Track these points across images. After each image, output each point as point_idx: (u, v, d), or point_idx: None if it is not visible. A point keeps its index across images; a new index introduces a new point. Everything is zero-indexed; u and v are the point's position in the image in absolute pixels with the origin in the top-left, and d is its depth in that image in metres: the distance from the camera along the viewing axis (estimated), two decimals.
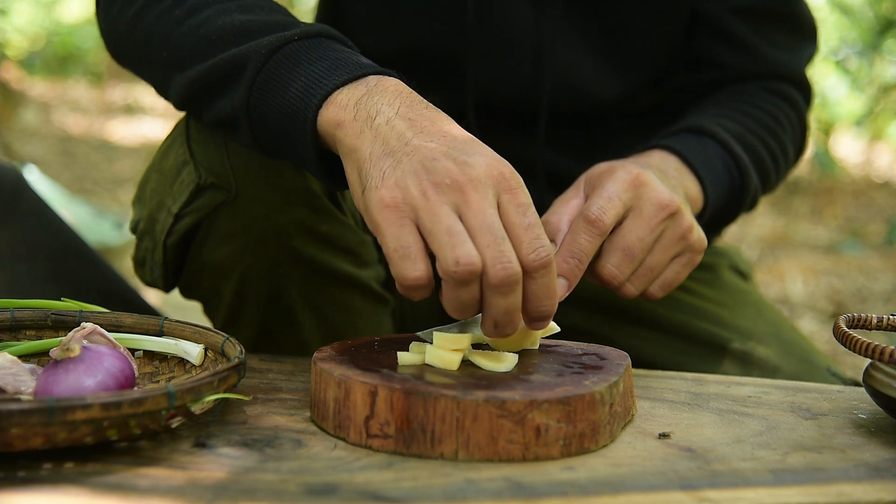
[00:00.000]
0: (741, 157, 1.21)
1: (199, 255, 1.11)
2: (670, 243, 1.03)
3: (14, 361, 0.85)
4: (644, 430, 0.88)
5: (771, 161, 1.29)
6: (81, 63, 8.26)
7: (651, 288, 1.04)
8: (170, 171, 1.09)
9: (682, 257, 1.05)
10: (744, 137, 1.24)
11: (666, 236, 1.02)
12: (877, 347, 0.87)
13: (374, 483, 0.74)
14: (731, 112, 1.27)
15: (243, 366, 0.86)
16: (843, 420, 0.94)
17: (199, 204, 1.06)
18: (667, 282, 1.05)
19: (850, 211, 4.79)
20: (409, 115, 0.87)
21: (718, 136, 1.21)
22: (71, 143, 5.69)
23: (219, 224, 1.07)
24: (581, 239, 0.98)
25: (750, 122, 1.27)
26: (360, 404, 0.82)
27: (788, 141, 1.33)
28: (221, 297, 1.14)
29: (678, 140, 1.18)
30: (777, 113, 1.32)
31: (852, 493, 0.76)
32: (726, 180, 1.20)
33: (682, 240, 1.03)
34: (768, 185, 1.31)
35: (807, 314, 3.09)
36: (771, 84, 1.34)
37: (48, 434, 0.72)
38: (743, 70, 1.34)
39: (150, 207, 1.12)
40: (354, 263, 1.16)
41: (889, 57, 5.54)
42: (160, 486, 0.71)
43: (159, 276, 1.15)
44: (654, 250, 1.02)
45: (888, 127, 5.96)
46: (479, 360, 0.89)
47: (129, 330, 0.98)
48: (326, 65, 0.92)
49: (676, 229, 1.02)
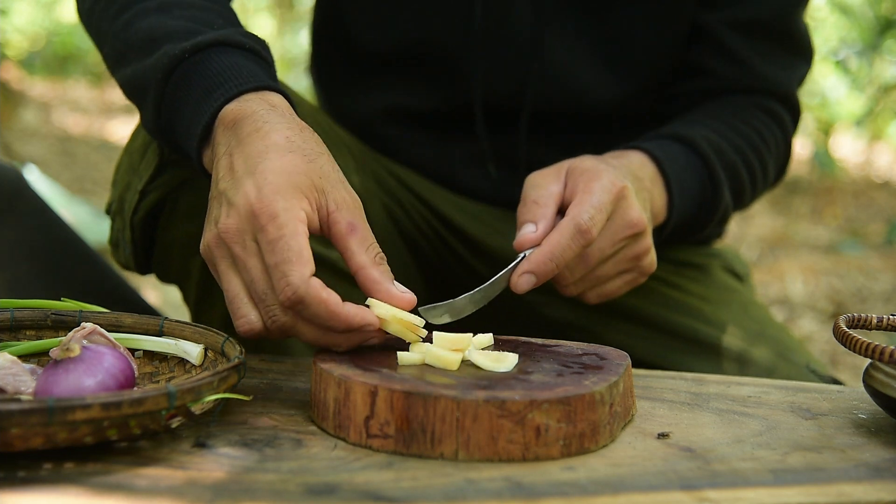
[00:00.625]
0: (718, 173, 1.22)
1: (167, 232, 1.13)
2: (624, 260, 1.07)
3: (14, 361, 0.85)
4: (644, 430, 0.88)
5: (748, 179, 1.29)
6: (81, 63, 8.25)
7: (589, 293, 1.09)
8: (137, 152, 1.12)
9: (628, 275, 1.09)
10: (725, 154, 1.24)
11: (623, 253, 1.06)
12: (877, 347, 0.87)
13: (374, 483, 0.74)
14: (719, 125, 1.27)
15: (243, 366, 0.86)
16: (843, 420, 0.94)
17: (162, 180, 1.09)
18: (606, 293, 1.10)
19: (850, 211, 4.79)
20: (230, 152, 0.90)
21: (700, 149, 1.21)
22: (71, 143, 5.69)
23: (183, 200, 1.10)
24: (566, 244, 1.01)
25: (735, 138, 1.27)
26: (360, 404, 0.82)
27: (771, 160, 1.33)
28: (191, 274, 1.15)
29: (660, 147, 1.19)
30: (764, 131, 1.32)
31: (852, 493, 0.76)
32: (697, 194, 1.21)
33: (636, 260, 1.08)
34: (742, 202, 1.31)
35: (807, 314, 3.09)
36: (761, 100, 1.34)
37: (48, 434, 0.72)
38: (735, 83, 1.34)
39: (120, 188, 1.15)
40: (321, 242, 1.16)
41: (889, 57, 5.54)
42: (160, 486, 0.71)
43: (130, 256, 1.17)
44: (607, 262, 1.06)
45: (888, 127, 5.95)
46: (479, 359, 0.89)
47: (129, 330, 0.98)
48: (201, 94, 0.95)
49: (635, 248, 1.07)
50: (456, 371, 0.87)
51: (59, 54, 8.12)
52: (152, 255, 1.16)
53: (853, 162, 5.90)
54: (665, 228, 1.18)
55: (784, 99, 1.36)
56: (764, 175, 1.33)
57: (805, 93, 5.49)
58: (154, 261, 1.17)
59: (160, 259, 1.16)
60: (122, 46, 1.05)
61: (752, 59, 1.33)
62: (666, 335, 1.32)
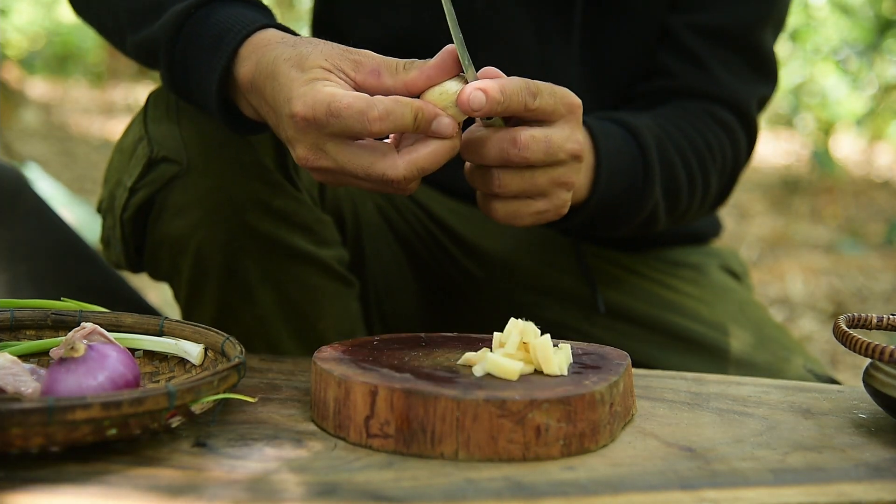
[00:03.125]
0: (653, 165, 1.17)
1: (156, 229, 1.12)
2: (553, 180, 0.97)
3: (14, 361, 0.85)
4: (644, 430, 0.88)
5: (686, 183, 1.23)
6: (81, 63, 8.26)
7: (502, 204, 0.99)
8: (127, 149, 1.12)
9: (544, 201, 0.99)
10: (664, 150, 1.20)
11: (557, 170, 0.97)
12: (877, 347, 0.87)
13: (374, 483, 0.74)
14: (665, 122, 1.23)
15: (243, 365, 0.86)
16: (843, 420, 0.94)
17: (152, 177, 1.09)
18: (517, 211, 0.99)
19: (850, 211, 4.79)
20: (274, 73, 0.92)
21: (640, 137, 1.17)
22: (71, 143, 5.69)
23: (173, 197, 1.09)
24: (517, 85, 0.93)
25: (679, 139, 1.23)
26: (361, 404, 0.82)
27: (714, 171, 1.28)
28: (181, 272, 1.15)
29: (600, 125, 1.14)
30: (711, 140, 1.27)
31: (852, 493, 0.76)
32: (626, 179, 1.15)
33: (562, 186, 0.98)
34: (676, 208, 1.25)
35: (807, 314, 3.09)
36: (716, 110, 1.29)
37: (48, 434, 0.72)
38: (691, 85, 1.30)
39: (110, 186, 1.15)
40: (312, 241, 1.16)
41: (889, 57, 5.54)
42: (160, 486, 0.71)
43: (121, 253, 1.17)
44: (538, 170, 0.97)
45: (888, 127, 5.95)
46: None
47: (129, 330, 0.98)
48: (213, 41, 0.98)
49: (568, 172, 0.98)
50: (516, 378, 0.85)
51: (59, 54, 8.13)
52: (143, 253, 1.16)
53: (853, 162, 5.90)
54: (586, 206, 1.12)
55: (740, 113, 1.31)
56: (704, 185, 1.27)
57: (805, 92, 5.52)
58: (145, 259, 1.17)
59: (150, 257, 1.16)
60: (128, 15, 1.08)
61: (711, 64, 1.29)
62: (663, 336, 1.32)
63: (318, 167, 0.92)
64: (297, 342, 1.19)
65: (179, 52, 1.01)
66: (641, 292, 1.33)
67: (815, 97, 5.58)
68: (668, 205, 1.23)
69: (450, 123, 0.91)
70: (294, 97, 0.89)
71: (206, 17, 1.00)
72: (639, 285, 1.35)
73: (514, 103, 0.93)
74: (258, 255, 1.13)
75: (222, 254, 1.12)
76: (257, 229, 1.11)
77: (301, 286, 1.17)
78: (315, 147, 0.90)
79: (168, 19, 1.01)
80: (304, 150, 0.91)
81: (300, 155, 0.91)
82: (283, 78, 0.91)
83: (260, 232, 1.11)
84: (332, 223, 1.20)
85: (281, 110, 0.91)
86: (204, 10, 1.00)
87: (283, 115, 0.90)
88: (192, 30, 1.00)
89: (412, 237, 1.34)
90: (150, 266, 1.18)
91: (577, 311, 1.33)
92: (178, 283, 1.17)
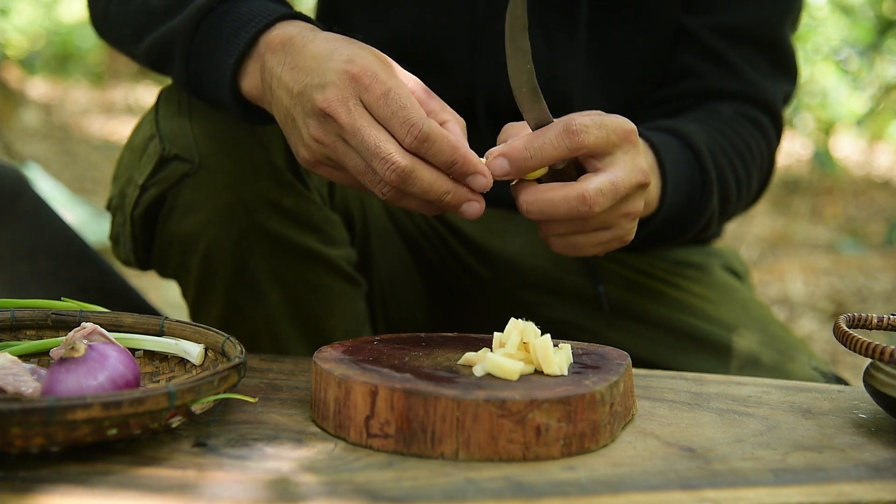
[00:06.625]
0: (709, 171, 1.17)
1: (166, 227, 1.12)
2: (617, 213, 0.96)
3: (14, 361, 0.85)
4: (644, 430, 0.88)
5: (735, 186, 1.25)
6: (81, 63, 8.26)
7: (560, 240, 0.98)
8: (139, 147, 1.12)
9: (608, 232, 0.98)
10: (716, 154, 1.21)
11: (622, 205, 0.96)
12: (877, 347, 0.87)
13: (375, 483, 0.74)
14: (709, 128, 1.24)
15: (243, 365, 0.86)
16: (843, 420, 0.94)
17: (163, 175, 1.09)
18: (578, 245, 0.98)
19: (850, 211, 4.79)
20: (294, 64, 0.93)
21: (694, 145, 1.17)
22: (71, 143, 5.69)
23: (183, 195, 1.10)
24: (549, 139, 0.92)
25: (724, 142, 1.24)
26: (361, 404, 0.82)
27: (755, 172, 1.30)
28: (190, 270, 1.15)
29: (657, 136, 1.14)
30: (750, 141, 1.28)
31: (852, 493, 0.76)
32: (687, 189, 1.15)
33: (626, 217, 0.97)
34: (726, 210, 1.27)
35: (807, 314, 3.09)
36: (748, 110, 1.30)
37: (48, 434, 0.72)
38: (720, 86, 1.30)
39: (121, 183, 1.15)
40: (322, 241, 1.16)
41: (889, 57, 5.54)
42: (160, 486, 0.72)
43: (130, 251, 1.17)
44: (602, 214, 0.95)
45: (888, 127, 5.95)
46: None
47: (129, 330, 0.98)
48: (233, 30, 0.99)
49: (636, 202, 0.97)
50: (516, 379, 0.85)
51: (59, 54, 8.13)
52: (152, 251, 1.16)
53: (853, 162, 5.90)
54: (653, 220, 1.12)
55: (770, 112, 1.32)
56: (748, 185, 1.29)
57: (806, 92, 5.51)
58: (154, 256, 1.17)
59: (160, 254, 1.16)
60: (145, 18, 1.09)
61: (737, 64, 1.30)
62: (668, 334, 1.32)
63: (324, 133, 0.91)
64: (305, 341, 1.19)
65: (197, 42, 1.02)
66: (647, 291, 1.33)
67: (815, 97, 5.58)
68: (721, 209, 1.24)
69: (484, 185, 0.92)
70: (352, 53, 0.89)
71: (229, 11, 1.01)
72: (644, 284, 1.35)
73: (548, 154, 0.92)
74: (267, 254, 1.13)
75: (231, 252, 1.12)
76: (267, 228, 1.11)
77: (309, 286, 1.17)
78: (343, 102, 0.89)
79: (189, 13, 1.02)
80: (334, 94, 0.88)
81: (319, 102, 0.89)
82: (333, 41, 0.92)
83: (269, 231, 1.11)
84: (340, 222, 1.20)
85: (326, 65, 0.90)
86: (227, 5, 1.01)
87: (329, 69, 0.89)
88: (213, 22, 1.01)
89: (419, 236, 1.34)
90: (158, 264, 1.18)
91: (582, 311, 1.32)
92: (186, 282, 1.17)
